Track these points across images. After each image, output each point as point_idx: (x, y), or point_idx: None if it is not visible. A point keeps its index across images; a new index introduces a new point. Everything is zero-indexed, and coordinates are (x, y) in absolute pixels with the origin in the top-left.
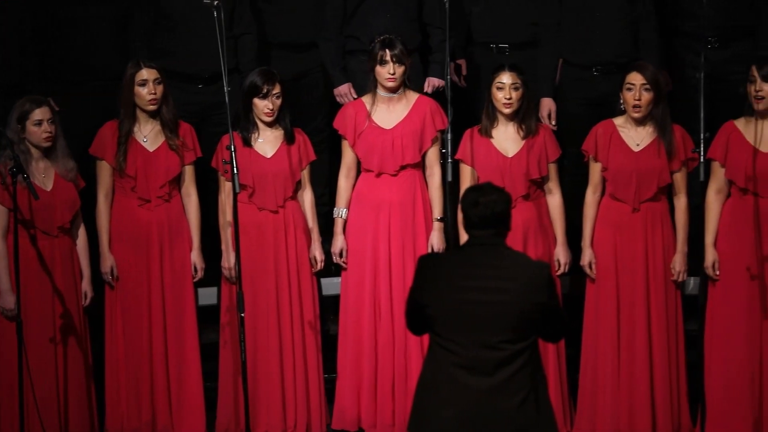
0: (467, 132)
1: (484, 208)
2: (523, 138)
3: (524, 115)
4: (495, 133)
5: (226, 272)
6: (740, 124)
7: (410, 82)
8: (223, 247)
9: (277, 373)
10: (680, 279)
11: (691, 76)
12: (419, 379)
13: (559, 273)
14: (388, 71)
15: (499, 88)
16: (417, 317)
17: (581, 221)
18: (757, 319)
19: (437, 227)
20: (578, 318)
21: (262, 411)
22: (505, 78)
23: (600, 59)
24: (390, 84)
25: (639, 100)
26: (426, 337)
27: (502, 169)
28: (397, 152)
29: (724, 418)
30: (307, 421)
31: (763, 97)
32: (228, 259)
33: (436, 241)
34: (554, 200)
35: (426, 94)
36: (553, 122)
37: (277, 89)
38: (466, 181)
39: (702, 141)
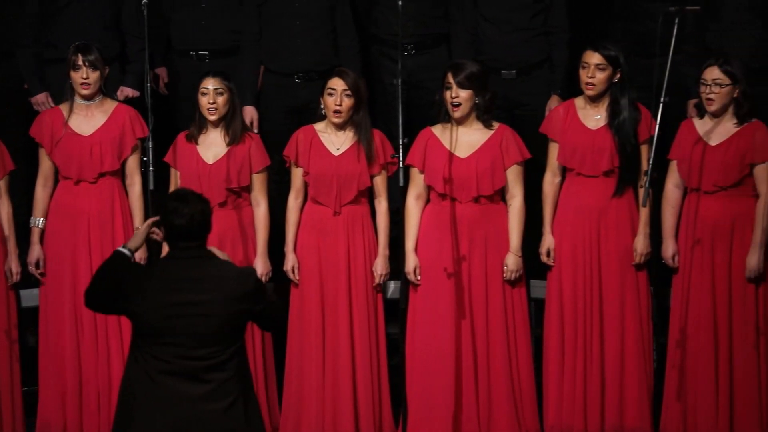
0: (178, 137)
1: (190, 219)
2: (228, 145)
3: (230, 122)
4: (201, 139)
5: None
6: (437, 130)
7: (107, 89)
8: None
9: None
10: (382, 282)
11: (389, 82)
12: (122, 387)
13: None
14: (81, 76)
15: (203, 94)
16: (108, 300)
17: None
18: (456, 320)
19: None
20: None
21: None
22: (209, 84)
23: (301, 66)
24: (84, 91)
25: (340, 105)
26: (128, 346)
27: (200, 175)
28: (96, 159)
29: (425, 419)
30: None
31: (459, 104)
32: None
33: None
34: (260, 210)
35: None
36: (256, 130)
37: None
38: (172, 187)
39: (401, 146)
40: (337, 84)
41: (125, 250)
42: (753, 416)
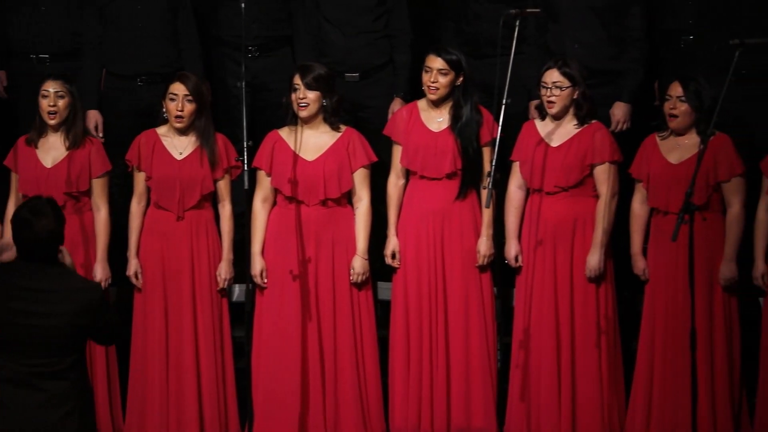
0: (18, 141)
1: (37, 233)
2: (68, 149)
3: (70, 126)
4: (41, 143)
5: None
6: (284, 133)
7: None
8: None
9: None
10: (226, 286)
11: (233, 84)
12: None
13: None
14: None
15: (43, 97)
16: None
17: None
18: (302, 323)
19: None
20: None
21: None
22: (50, 87)
23: (143, 69)
24: None
25: (181, 110)
26: None
27: (38, 179)
28: None
29: (271, 422)
30: None
31: (307, 104)
32: None
33: None
34: (100, 216)
35: None
36: (100, 134)
37: None
38: (13, 191)
39: (245, 149)
40: (178, 89)
41: None
42: (594, 415)
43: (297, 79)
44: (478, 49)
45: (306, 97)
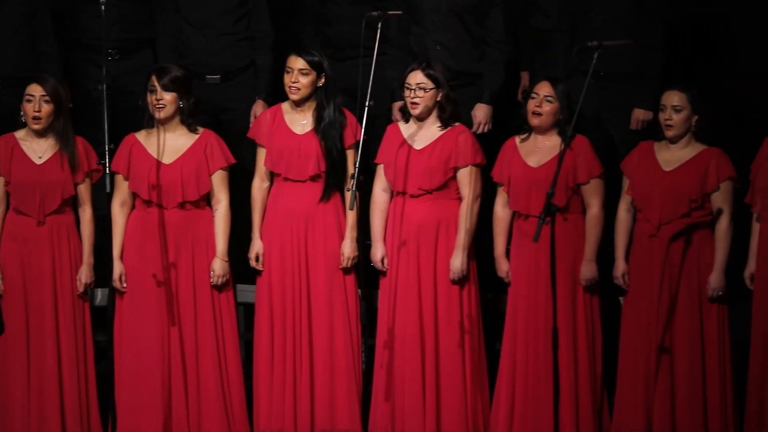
0: None
1: None
2: None
3: None
4: None
5: None
6: (141, 136)
7: None
8: None
9: None
10: (87, 290)
11: (94, 88)
12: None
13: None
14: None
15: None
16: None
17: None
18: (165, 325)
19: None
20: None
21: None
22: None
23: (3, 72)
24: None
25: (39, 111)
26: None
27: None
28: None
29: (134, 426)
30: None
31: (164, 106)
32: None
33: None
34: None
35: None
36: None
37: None
38: None
39: (107, 152)
40: (35, 90)
41: None
42: (459, 415)
43: (153, 81)
44: (340, 51)
45: (162, 99)
